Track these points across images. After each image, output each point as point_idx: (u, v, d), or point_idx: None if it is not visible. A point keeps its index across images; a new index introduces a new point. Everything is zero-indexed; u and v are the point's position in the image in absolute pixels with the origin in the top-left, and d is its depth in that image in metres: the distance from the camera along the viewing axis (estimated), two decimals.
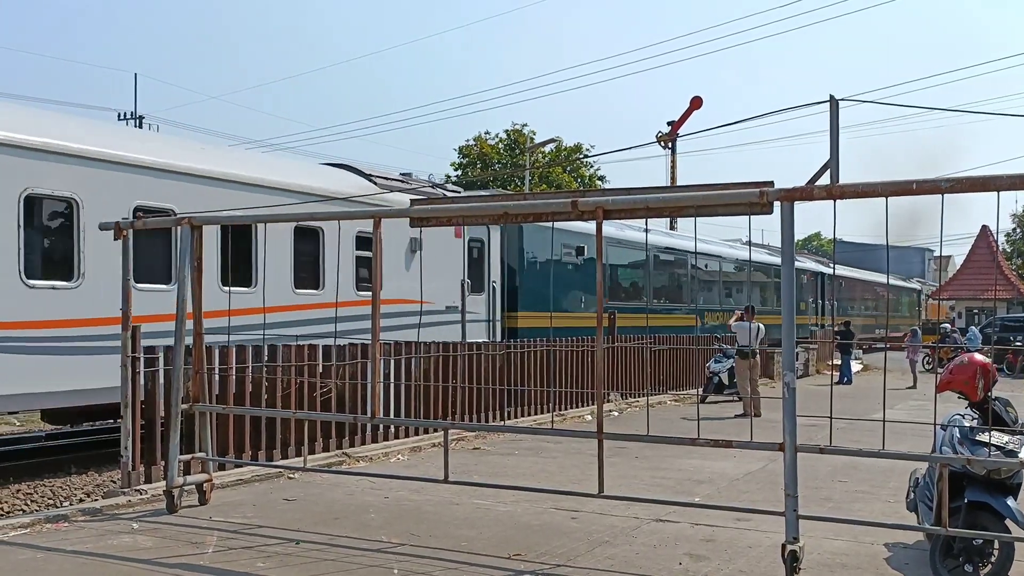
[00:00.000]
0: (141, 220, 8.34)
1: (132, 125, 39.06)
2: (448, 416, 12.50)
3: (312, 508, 8.06)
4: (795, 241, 5.89)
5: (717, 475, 9.82)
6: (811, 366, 27.50)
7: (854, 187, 5.70)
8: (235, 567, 6.13)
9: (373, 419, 7.92)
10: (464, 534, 7.14)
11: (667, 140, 38.06)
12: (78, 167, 10.98)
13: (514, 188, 43.10)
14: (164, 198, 11.83)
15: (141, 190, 11.65)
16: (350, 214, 9.52)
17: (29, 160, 10.48)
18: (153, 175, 11.85)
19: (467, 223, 7.34)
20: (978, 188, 5.45)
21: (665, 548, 6.75)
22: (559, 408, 15.37)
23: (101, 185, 11.18)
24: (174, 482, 7.77)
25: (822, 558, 6.42)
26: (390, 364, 11.75)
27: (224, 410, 9.10)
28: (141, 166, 11.75)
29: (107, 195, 11.13)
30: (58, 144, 10.83)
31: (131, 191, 11.50)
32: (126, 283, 8.21)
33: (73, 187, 10.90)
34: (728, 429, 13.56)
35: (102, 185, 11.19)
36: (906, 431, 9.21)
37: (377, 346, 7.27)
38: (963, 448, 5.67)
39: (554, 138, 42.18)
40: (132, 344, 8.31)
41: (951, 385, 6.00)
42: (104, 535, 7.01)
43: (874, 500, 8.57)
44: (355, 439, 11.10)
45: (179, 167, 12.25)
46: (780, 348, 14.87)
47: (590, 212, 6.43)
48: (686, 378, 20.57)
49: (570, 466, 10.22)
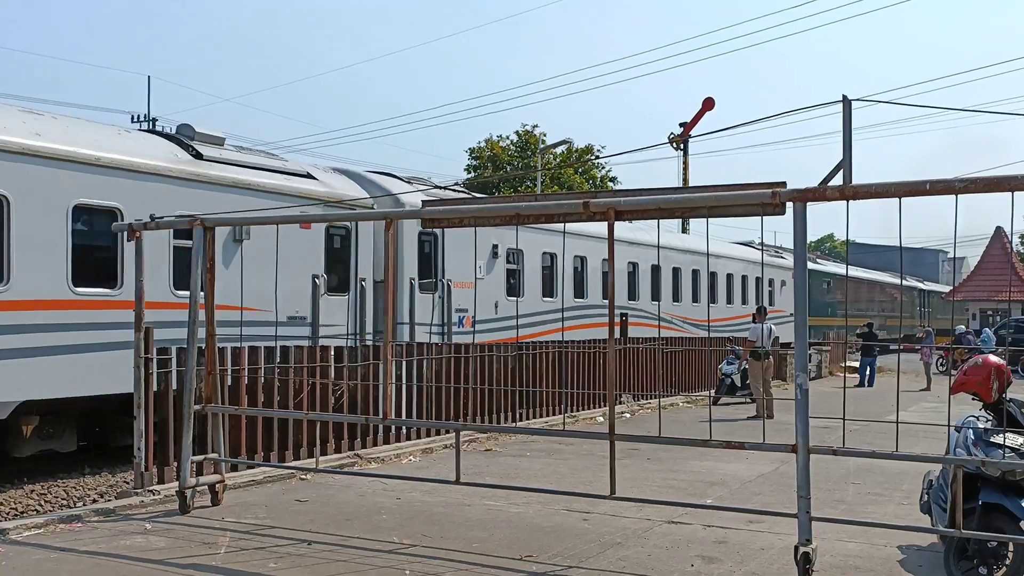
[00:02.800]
0: (155, 222, 8.35)
1: (145, 127, 39.16)
2: (460, 417, 12.50)
3: (324, 509, 8.07)
4: (807, 242, 5.87)
5: (729, 477, 9.78)
6: (824, 368, 27.39)
7: (867, 188, 5.67)
8: (247, 568, 6.15)
9: (385, 420, 7.92)
10: (476, 535, 7.13)
11: (679, 141, 37.96)
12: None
13: (525, 190, 43.10)
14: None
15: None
16: (372, 214, 8.99)
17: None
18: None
19: (479, 224, 7.34)
20: (992, 188, 5.42)
21: (677, 550, 6.73)
22: (571, 410, 15.34)
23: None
24: (187, 483, 7.80)
25: (835, 560, 6.39)
26: (402, 365, 11.76)
27: (236, 411, 9.12)
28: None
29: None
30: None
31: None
32: (139, 284, 8.24)
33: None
34: (741, 431, 13.51)
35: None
36: (920, 433, 9.18)
37: (389, 347, 7.27)
38: (977, 450, 5.63)
39: (565, 140, 42.12)
40: (145, 345, 8.35)
41: (965, 386, 5.96)
42: (117, 535, 7.04)
43: (887, 502, 8.52)
44: (367, 440, 11.12)
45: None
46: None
47: (602, 213, 6.43)
48: (691, 380, 20.43)
49: (582, 468, 10.20)
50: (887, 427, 10.63)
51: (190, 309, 8.04)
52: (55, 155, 10.89)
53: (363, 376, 11.03)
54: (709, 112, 38.28)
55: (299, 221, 12.44)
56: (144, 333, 8.31)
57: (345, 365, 10.87)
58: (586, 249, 20.53)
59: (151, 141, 13.07)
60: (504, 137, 49.51)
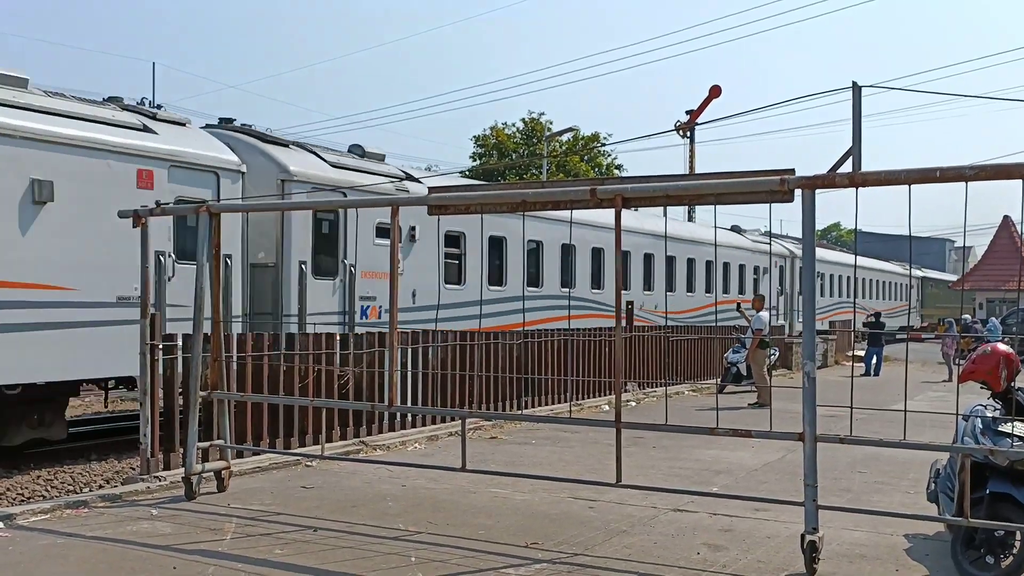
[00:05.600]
0: (160, 207, 8.32)
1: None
2: (465, 405, 12.50)
3: (330, 496, 8.08)
4: (815, 230, 5.83)
5: (735, 465, 9.77)
6: (830, 357, 27.33)
7: (876, 175, 5.64)
8: (253, 554, 6.15)
9: (391, 407, 7.92)
10: (481, 522, 7.14)
11: (686, 129, 37.82)
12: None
13: (531, 177, 43.01)
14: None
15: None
16: (375, 200, 8.61)
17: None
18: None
19: (485, 211, 7.31)
20: (1002, 175, 5.39)
21: (683, 538, 6.73)
22: (576, 398, 15.33)
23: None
24: (192, 469, 7.81)
25: (841, 549, 6.38)
26: (407, 353, 11.75)
27: (242, 397, 9.13)
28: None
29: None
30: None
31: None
32: (145, 271, 8.22)
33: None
34: (744, 419, 13.50)
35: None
36: (927, 422, 9.15)
37: (395, 334, 7.26)
38: (985, 439, 5.61)
39: (571, 127, 42.02)
40: (151, 331, 8.34)
41: (974, 375, 5.94)
42: (123, 521, 7.06)
43: (894, 491, 8.50)
44: (372, 427, 11.12)
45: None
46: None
47: (609, 200, 6.39)
48: (694, 368, 20.29)
49: (587, 456, 10.20)
50: (893, 416, 10.57)
51: (195, 296, 8.03)
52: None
53: (369, 363, 11.03)
54: (716, 100, 38.14)
55: (303, 208, 12.39)
56: (150, 319, 8.31)
57: (351, 352, 10.86)
58: (542, 232, 18.61)
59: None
60: (510, 125, 49.47)
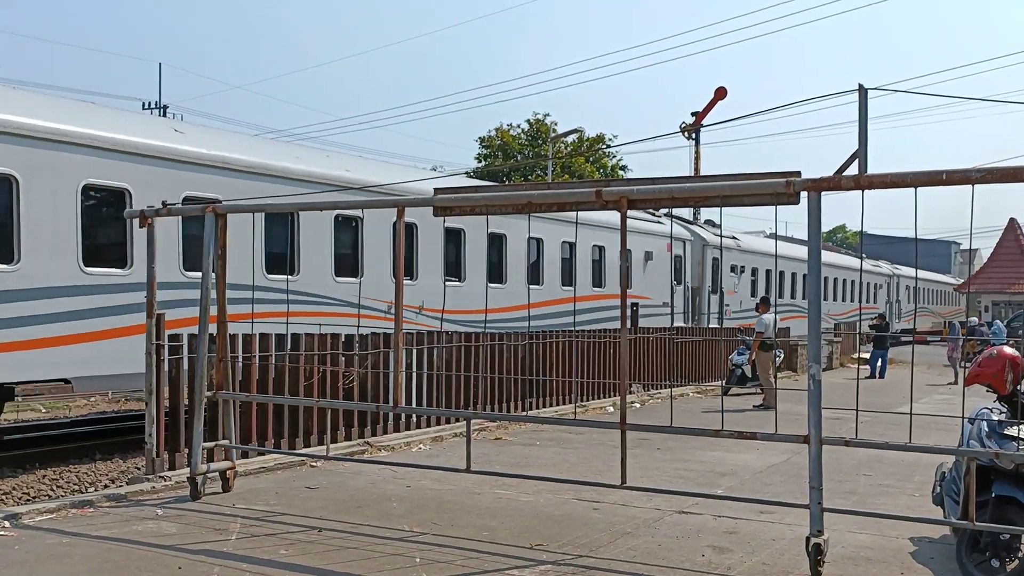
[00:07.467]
0: (166, 208, 8.33)
1: (158, 115, 39.21)
2: (470, 406, 12.51)
3: (334, 496, 8.09)
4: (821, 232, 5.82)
5: (740, 467, 9.77)
6: (835, 359, 27.30)
7: (882, 177, 5.63)
8: (258, 554, 6.16)
9: (395, 408, 7.92)
10: (486, 524, 7.14)
11: (691, 131, 37.76)
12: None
13: (535, 178, 43.01)
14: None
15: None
16: (382, 202, 8.69)
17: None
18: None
19: (491, 212, 7.31)
20: (1009, 179, 5.37)
21: (688, 540, 6.73)
22: (581, 399, 15.34)
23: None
24: (198, 469, 7.82)
25: (846, 551, 6.37)
26: (412, 354, 11.76)
27: (248, 398, 9.14)
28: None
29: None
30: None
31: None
32: (151, 271, 8.23)
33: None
34: (749, 421, 13.48)
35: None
36: (932, 425, 9.14)
37: (400, 335, 7.27)
38: (991, 442, 5.60)
39: (576, 129, 42.03)
40: (156, 332, 8.35)
41: (980, 378, 5.92)
42: (128, 521, 7.07)
43: (899, 494, 8.49)
44: (377, 428, 11.13)
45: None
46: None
47: (614, 202, 6.39)
48: (699, 370, 20.29)
49: (592, 457, 10.20)
50: (898, 419, 10.60)
51: (201, 296, 8.04)
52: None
53: (374, 364, 11.03)
54: (721, 101, 38.07)
55: (312, 208, 12.39)
56: (156, 319, 8.32)
57: (356, 353, 10.88)
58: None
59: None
60: (515, 126, 49.50)
